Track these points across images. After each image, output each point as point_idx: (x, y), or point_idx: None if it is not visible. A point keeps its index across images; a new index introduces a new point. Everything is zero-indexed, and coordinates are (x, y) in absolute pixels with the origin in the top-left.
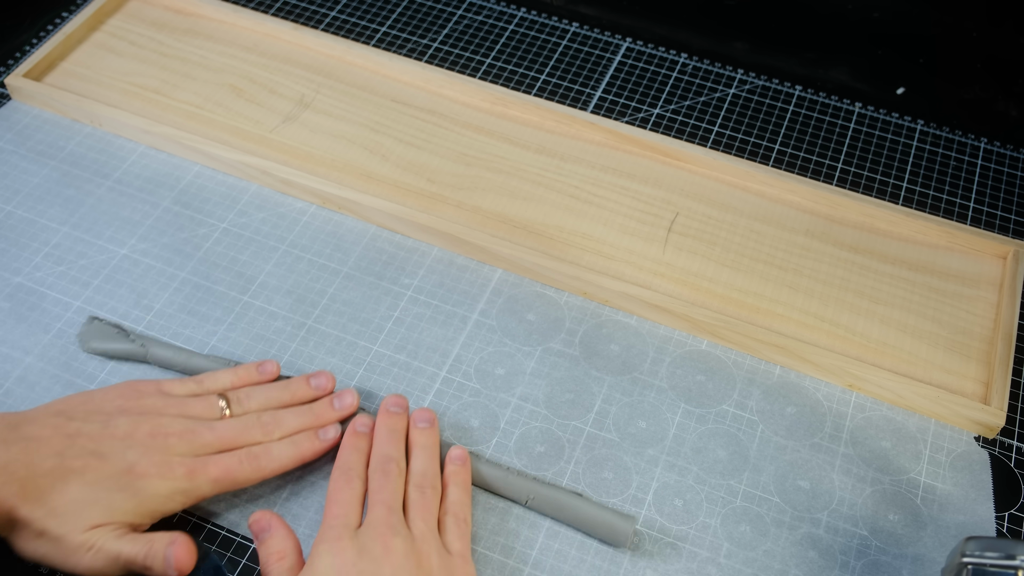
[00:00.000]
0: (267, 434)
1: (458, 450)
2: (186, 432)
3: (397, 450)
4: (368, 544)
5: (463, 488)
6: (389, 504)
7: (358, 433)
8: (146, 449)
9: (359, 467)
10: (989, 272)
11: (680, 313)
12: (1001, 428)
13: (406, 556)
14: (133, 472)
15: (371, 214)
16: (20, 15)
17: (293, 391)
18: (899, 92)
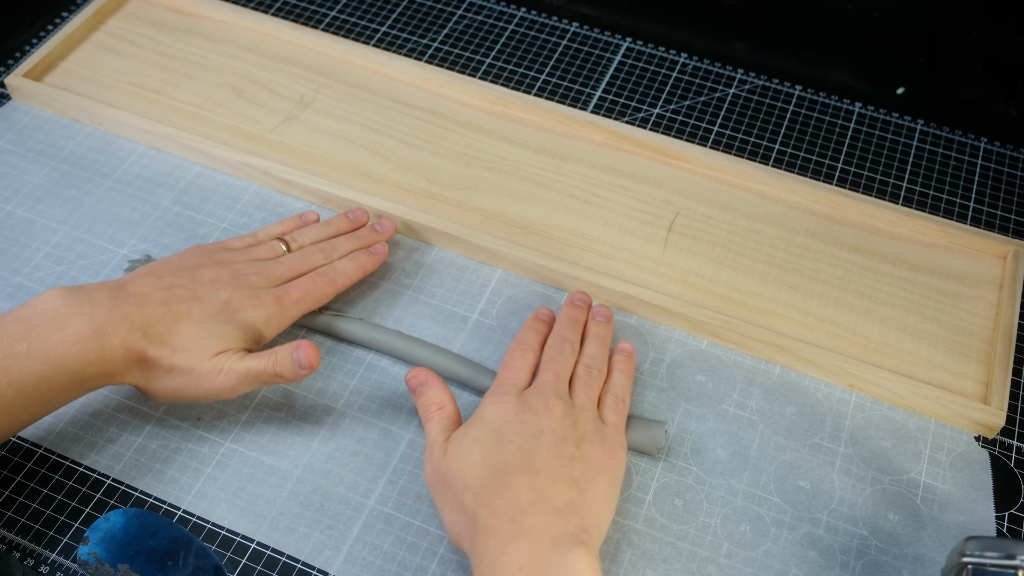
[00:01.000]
0: (328, 256)
1: (627, 344)
2: (261, 269)
3: (573, 334)
4: (531, 401)
5: (627, 375)
6: (558, 372)
7: (539, 320)
8: (234, 288)
9: (535, 344)
10: (989, 272)
11: (680, 313)
12: (1001, 428)
13: (564, 416)
14: (230, 307)
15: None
16: (20, 15)
17: (336, 225)
18: (899, 92)
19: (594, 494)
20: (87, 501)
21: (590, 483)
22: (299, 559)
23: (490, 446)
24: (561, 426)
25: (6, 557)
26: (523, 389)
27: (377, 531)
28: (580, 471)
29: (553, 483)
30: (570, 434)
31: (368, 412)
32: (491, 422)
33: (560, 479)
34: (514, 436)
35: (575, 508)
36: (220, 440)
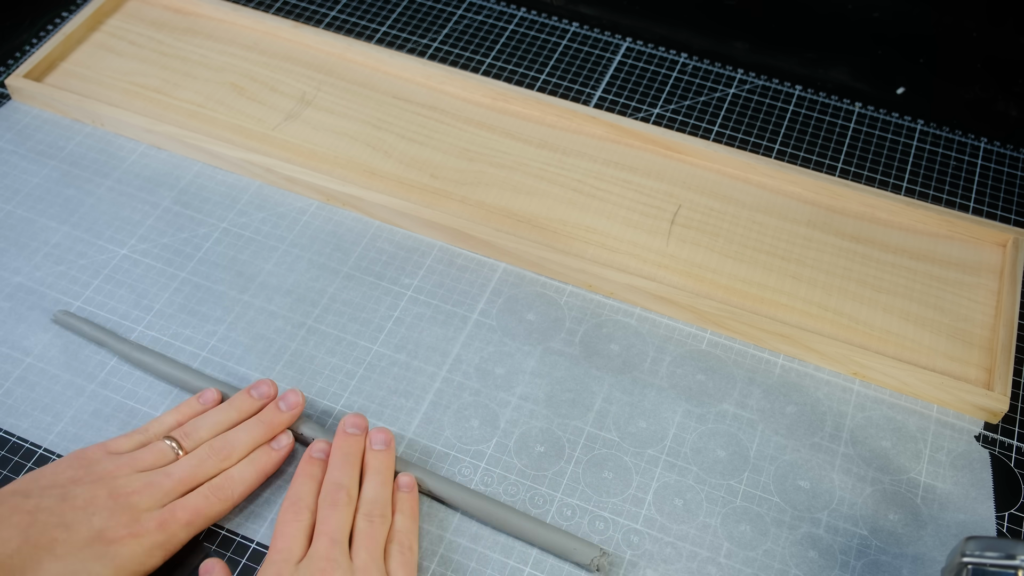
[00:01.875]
0: (224, 459)
1: (406, 477)
2: (146, 486)
3: (349, 477)
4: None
5: (410, 516)
6: (333, 536)
7: (313, 460)
8: (111, 512)
9: (309, 498)
10: (989, 260)
11: (685, 304)
12: (1004, 415)
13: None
14: (104, 538)
15: (375, 210)
16: (20, 15)
17: (238, 408)
18: (899, 92)
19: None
20: None
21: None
22: None
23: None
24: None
25: None
26: (297, 561)
27: None
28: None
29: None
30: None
31: (368, 412)
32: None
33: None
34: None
35: None
36: None
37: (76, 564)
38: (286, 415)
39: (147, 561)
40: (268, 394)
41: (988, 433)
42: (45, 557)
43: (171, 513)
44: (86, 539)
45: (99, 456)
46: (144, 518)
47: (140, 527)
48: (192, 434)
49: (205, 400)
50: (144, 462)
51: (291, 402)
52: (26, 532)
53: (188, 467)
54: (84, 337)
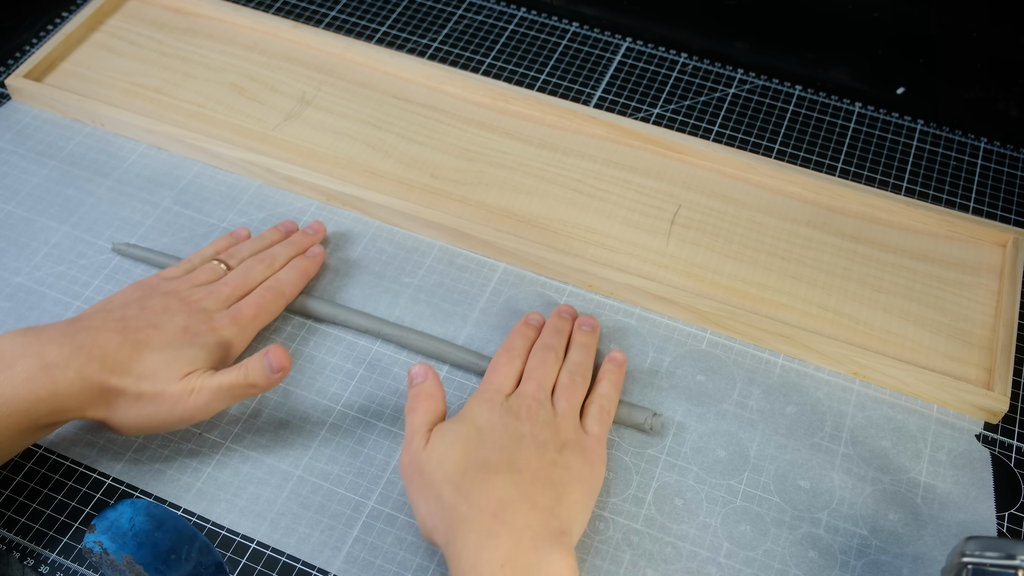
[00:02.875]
0: (269, 267)
1: (619, 354)
2: (208, 294)
3: (558, 342)
4: (514, 406)
5: (614, 386)
6: (541, 381)
7: (528, 325)
8: (188, 314)
9: (523, 349)
10: (989, 260)
11: (685, 304)
12: (1004, 415)
13: (545, 423)
14: (189, 331)
15: (375, 210)
16: (20, 15)
17: (269, 237)
18: (899, 92)
19: (572, 500)
20: (87, 501)
21: (569, 489)
22: (299, 559)
23: (472, 443)
24: (543, 432)
25: (6, 557)
26: (508, 394)
27: (377, 531)
28: (560, 476)
29: (534, 483)
30: (551, 440)
31: (368, 412)
32: (475, 421)
33: (540, 480)
34: (496, 437)
35: (554, 510)
36: (220, 440)
37: (173, 350)
38: (313, 237)
39: (230, 348)
40: (291, 228)
41: (988, 433)
42: (144, 349)
43: (238, 310)
44: (174, 333)
45: (157, 281)
46: (217, 316)
47: (216, 323)
48: (235, 255)
49: (238, 235)
50: (199, 279)
51: (315, 227)
52: (123, 333)
53: (239, 275)
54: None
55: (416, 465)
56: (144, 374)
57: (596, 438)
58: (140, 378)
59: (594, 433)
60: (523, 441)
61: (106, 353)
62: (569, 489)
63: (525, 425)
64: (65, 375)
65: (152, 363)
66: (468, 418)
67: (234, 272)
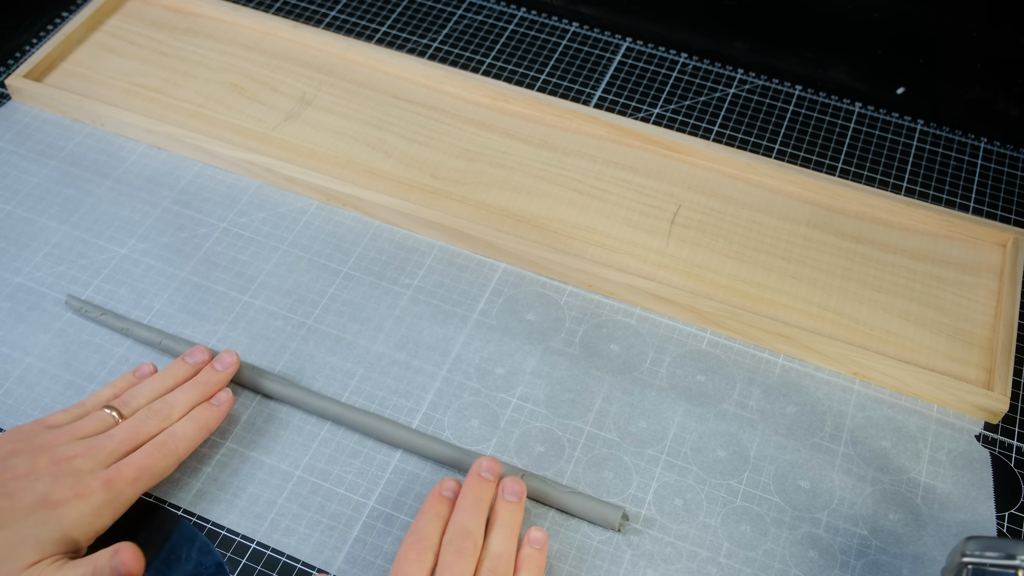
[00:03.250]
0: (164, 419)
1: (537, 532)
2: (86, 449)
3: (478, 524)
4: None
5: (536, 574)
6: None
7: (442, 498)
8: (54, 477)
9: (434, 537)
10: (989, 260)
11: (685, 304)
12: (1004, 415)
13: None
14: (48, 502)
15: (375, 210)
16: (20, 15)
17: (174, 375)
18: (899, 92)
19: None
20: None
21: None
22: (299, 559)
23: None
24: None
25: None
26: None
27: (377, 531)
28: None
29: None
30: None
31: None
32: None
33: None
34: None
35: None
36: (220, 440)
37: (22, 531)
38: (222, 374)
39: (96, 521)
40: (202, 360)
41: (988, 433)
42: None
43: (116, 472)
44: (30, 505)
45: (37, 429)
46: (88, 479)
47: (85, 488)
48: (130, 402)
49: (141, 373)
50: (84, 430)
51: (226, 362)
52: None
53: (129, 429)
54: (95, 321)
55: None
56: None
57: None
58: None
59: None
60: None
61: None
62: None
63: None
64: None
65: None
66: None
67: (123, 424)
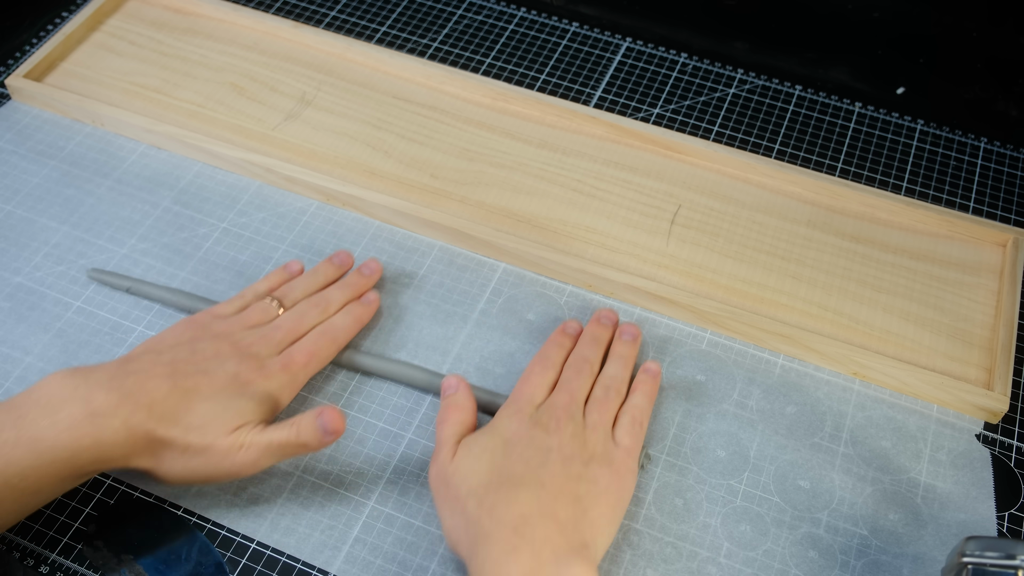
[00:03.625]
0: (323, 312)
1: (653, 364)
2: (260, 338)
3: (595, 354)
4: (544, 418)
5: (647, 397)
6: (573, 393)
7: (565, 332)
8: (239, 360)
9: (558, 360)
10: (989, 260)
11: (685, 304)
12: (1004, 415)
13: (574, 435)
14: (239, 380)
15: (375, 210)
16: (20, 15)
17: (324, 273)
18: (899, 92)
19: (597, 513)
20: (87, 501)
21: (594, 502)
22: (299, 559)
23: (499, 456)
24: (570, 445)
25: (6, 557)
26: (538, 405)
27: (377, 531)
28: (585, 490)
29: (558, 497)
30: (578, 454)
31: (368, 412)
32: (503, 434)
33: (565, 495)
34: (523, 450)
35: (577, 524)
36: None
37: (223, 400)
38: (369, 279)
39: (281, 397)
40: (347, 262)
41: (988, 433)
42: (194, 398)
43: (290, 356)
44: (225, 381)
45: (208, 320)
46: (268, 363)
47: (267, 370)
48: (288, 294)
49: (291, 270)
50: (252, 319)
51: (372, 267)
52: (172, 379)
53: (293, 319)
54: (119, 289)
55: (443, 477)
56: (193, 425)
57: (626, 450)
58: (188, 430)
59: (624, 445)
60: (550, 454)
61: (154, 401)
62: (594, 503)
63: (553, 438)
64: (111, 424)
65: (201, 414)
66: (496, 430)
67: (287, 315)
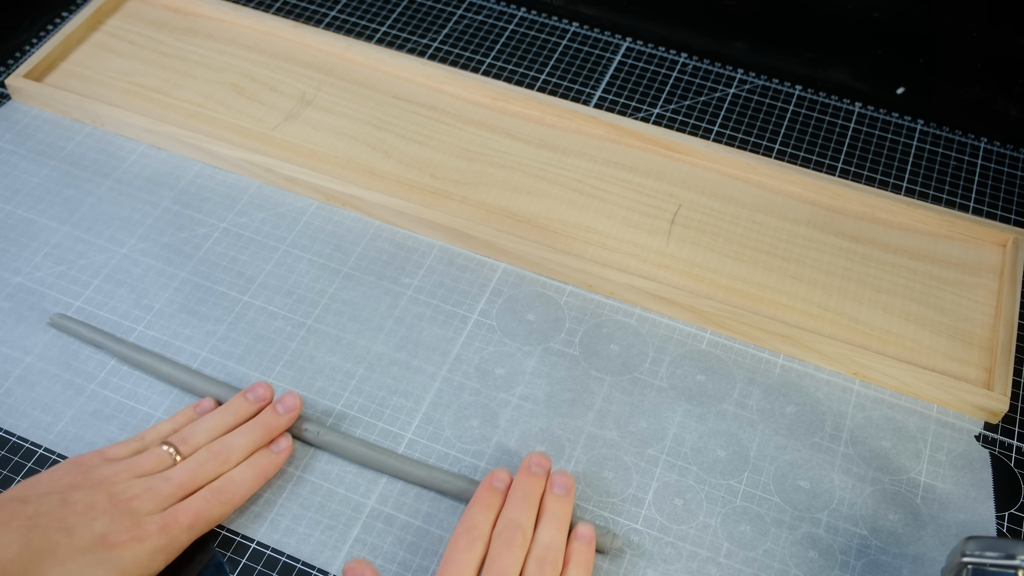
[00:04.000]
0: (223, 463)
1: (585, 528)
2: (146, 491)
3: (528, 517)
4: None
5: (584, 570)
6: (503, 574)
7: (492, 489)
8: (112, 517)
9: (485, 528)
10: (989, 260)
11: (685, 304)
12: (1004, 415)
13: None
14: (106, 542)
15: (375, 210)
16: (20, 15)
17: (235, 412)
18: (899, 92)
19: None
20: None
21: None
22: (299, 559)
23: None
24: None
25: None
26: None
27: (377, 531)
28: None
29: None
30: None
31: (368, 412)
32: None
33: None
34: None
35: None
36: None
37: (79, 569)
38: (284, 418)
39: (150, 565)
40: (264, 397)
41: (988, 433)
42: (47, 562)
43: (172, 517)
44: (88, 543)
45: (96, 462)
46: (145, 522)
47: (142, 531)
48: (190, 439)
49: (201, 409)
50: (142, 467)
51: (288, 404)
52: (27, 537)
53: (187, 471)
54: (82, 340)
55: None
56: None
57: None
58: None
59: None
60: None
61: (2, 564)
62: None
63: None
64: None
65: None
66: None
67: (181, 465)
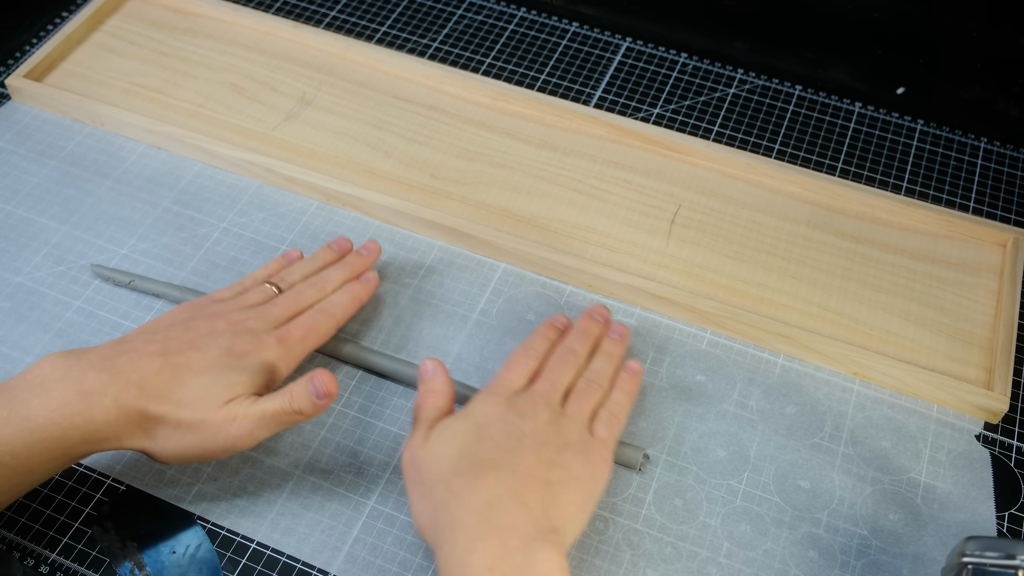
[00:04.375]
0: (321, 291)
1: (636, 364)
2: (256, 315)
3: (582, 346)
4: (520, 404)
5: (628, 395)
6: (553, 382)
7: (552, 326)
8: (233, 335)
9: (541, 351)
10: (989, 260)
11: (685, 304)
12: (1004, 415)
13: (548, 422)
14: (232, 353)
15: (375, 210)
16: (20, 15)
17: (322, 258)
18: (899, 92)
19: (567, 500)
20: (87, 501)
21: (565, 488)
22: (299, 559)
23: (470, 440)
24: (544, 431)
25: (6, 557)
26: (516, 392)
27: (377, 531)
28: (557, 475)
29: (527, 482)
30: (552, 440)
31: (368, 412)
32: (476, 418)
33: (535, 479)
34: (495, 434)
35: (547, 509)
36: None
37: (215, 374)
38: (368, 259)
39: (276, 371)
40: (345, 247)
41: (988, 433)
42: (185, 373)
43: (286, 331)
44: (217, 356)
45: (206, 302)
46: (263, 337)
47: (262, 343)
48: (286, 278)
49: (289, 257)
50: (249, 301)
51: (370, 248)
52: (164, 356)
53: (290, 298)
54: (120, 285)
55: (414, 462)
56: (184, 401)
57: (602, 442)
58: (179, 405)
59: (600, 437)
60: (522, 439)
61: (145, 378)
62: (565, 489)
63: (527, 423)
64: (102, 402)
65: (192, 389)
66: (470, 415)
67: (285, 294)
